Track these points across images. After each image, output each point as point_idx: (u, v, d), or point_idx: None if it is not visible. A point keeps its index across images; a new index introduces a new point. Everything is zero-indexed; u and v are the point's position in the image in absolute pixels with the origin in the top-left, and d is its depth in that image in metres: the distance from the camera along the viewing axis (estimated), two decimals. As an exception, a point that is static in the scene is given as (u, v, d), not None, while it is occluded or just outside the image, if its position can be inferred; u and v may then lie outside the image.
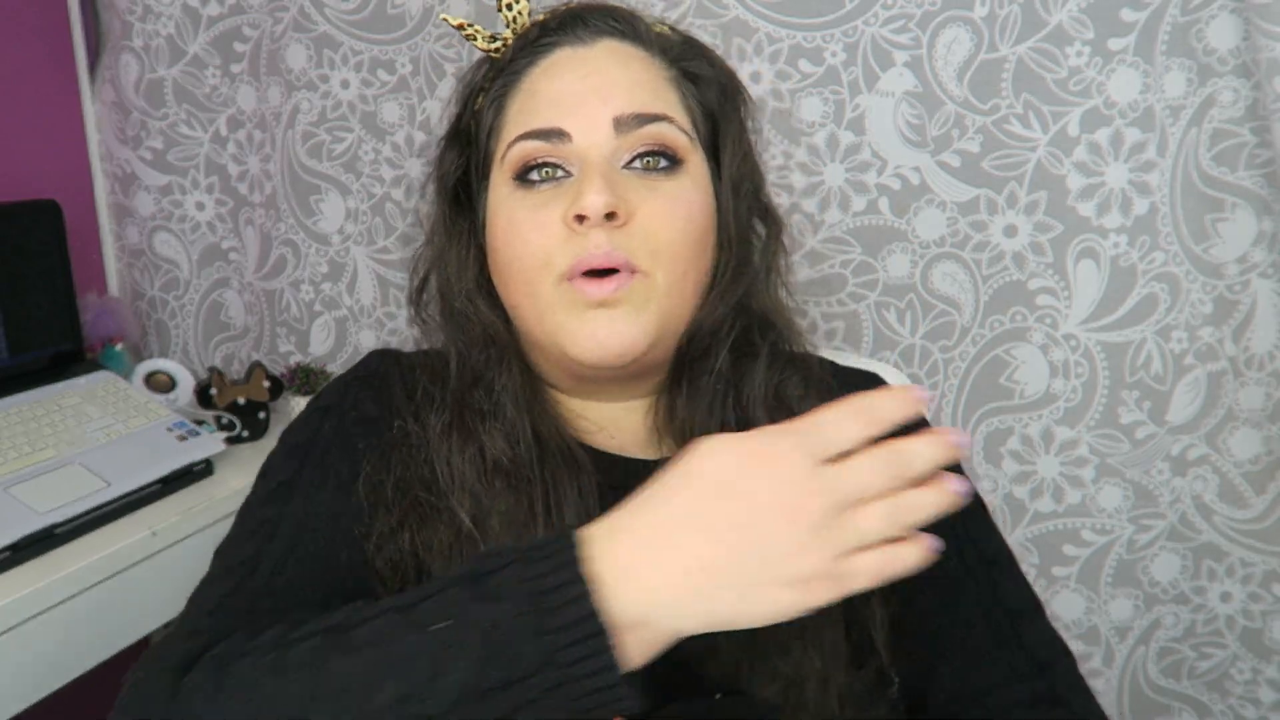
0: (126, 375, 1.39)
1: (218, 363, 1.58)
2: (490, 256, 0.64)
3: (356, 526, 0.60)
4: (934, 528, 0.54)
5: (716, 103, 0.66)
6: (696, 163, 0.62)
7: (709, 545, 0.43)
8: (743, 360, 0.64)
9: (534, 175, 0.60)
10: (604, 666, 0.41)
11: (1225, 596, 1.18)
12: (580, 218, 0.57)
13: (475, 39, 0.66)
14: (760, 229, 0.69)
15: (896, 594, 0.60)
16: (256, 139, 1.48)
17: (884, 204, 1.20)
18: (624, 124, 0.59)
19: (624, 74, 0.61)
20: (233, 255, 1.55)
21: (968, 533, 0.63)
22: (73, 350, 1.30)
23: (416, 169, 1.38)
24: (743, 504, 0.43)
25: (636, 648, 0.43)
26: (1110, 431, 1.17)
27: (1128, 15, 1.07)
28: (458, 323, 0.66)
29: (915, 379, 1.21)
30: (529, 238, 0.59)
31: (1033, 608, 0.63)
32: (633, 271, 0.58)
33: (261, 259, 1.49)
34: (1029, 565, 1.23)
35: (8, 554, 0.95)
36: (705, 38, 1.20)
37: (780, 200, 1.23)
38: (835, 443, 0.43)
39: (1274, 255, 1.08)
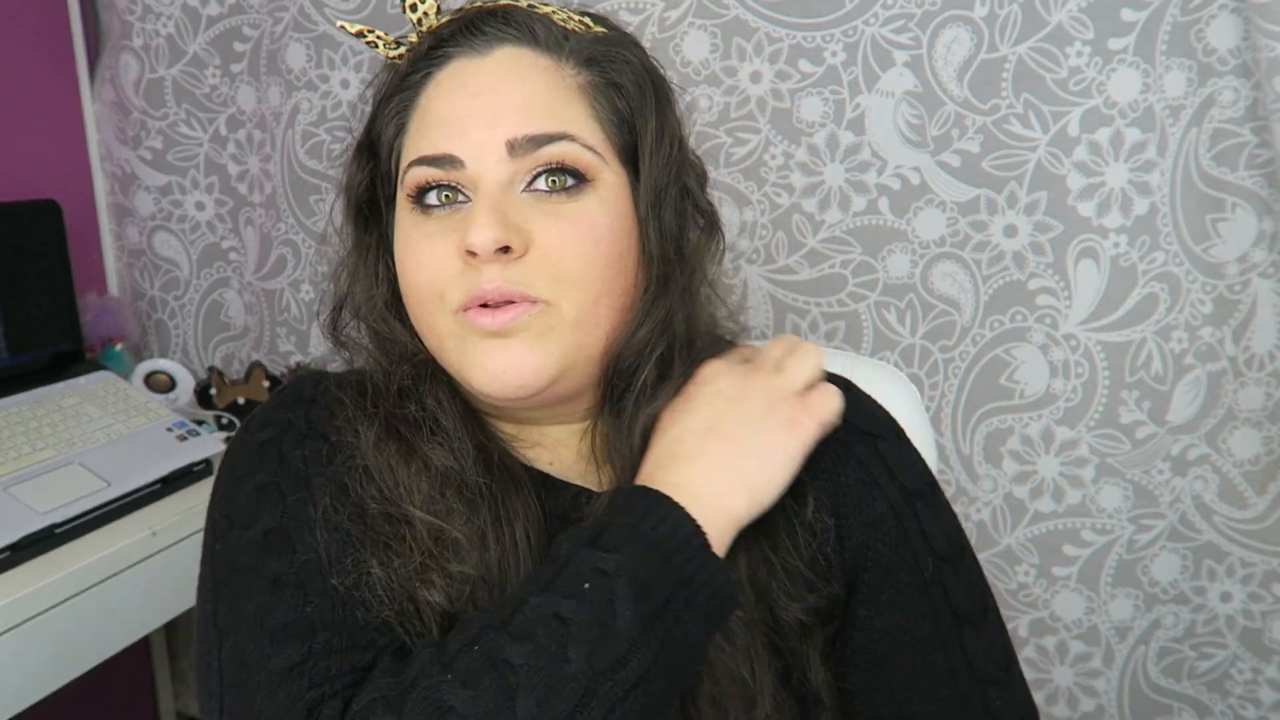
0: (126, 375, 1.39)
1: (218, 363, 1.58)
2: (398, 277, 0.60)
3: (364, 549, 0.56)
4: (915, 586, 0.60)
5: (636, 104, 0.59)
6: (609, 179, 0.57)
7: (731, 443, 0.55)
8: (662, 381, 0.60)
9: (430, 199, 0.57)
10: (716, 570, 0.51)
11: (1225, 596, 1.18)
12: (471, 253, 0.54)
13: (377, 45, 0.62)
14: (693, 234, 0.63)
15: (867, 653, 0.61)
16: (256, 139, 1.48)
17: (884, 204, 1.20)
18: (518, 147, 0.55)
19: (519, 90, 0.56)
20: (233, 255, 1.55)
21: (944, 589, 0.61)
22: (73, 350, 1.30)
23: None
24: (744, 406, 0.57)
25: (719, 546, 0.52)
26: (1110, 431, 1.17)
27: (1128, 15, 1.07)
28: (377, 341, 0.63)
29: (915, 379, 1.21)
30: (423, 269, 0.56)
31: (1004, 670, 0.62)
32: (532, 302, 0.54)
33: (261, 259, 1.49)
34: (1029, 565, 1.24)
35: (8, 554, 0.95)
36: (704, 38, 1.22)
37: (780, 200, 1.23)
38: (797, 380, 0.60)
39: (1274, 255, 1.08)
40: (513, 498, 0.58)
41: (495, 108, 0.55)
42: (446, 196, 0.56)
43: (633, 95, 0.59)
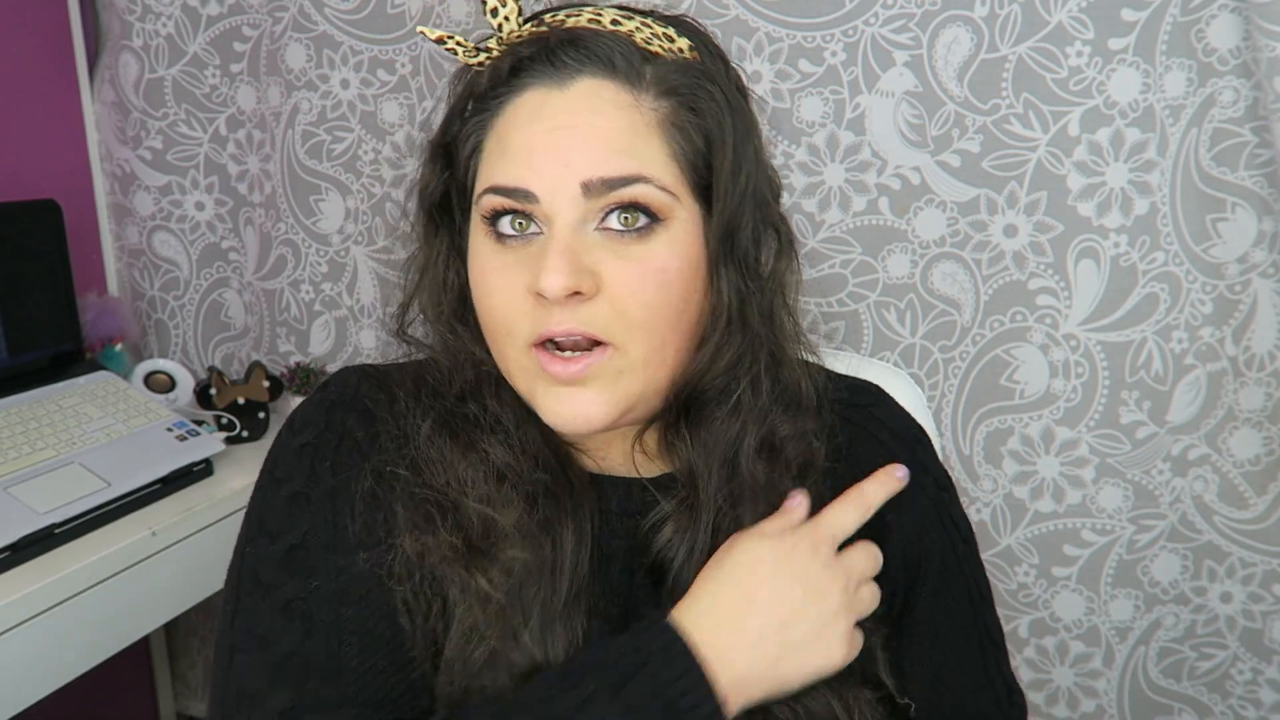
0: (126, 375, 1.39)
1: (217, 363, 1.58)
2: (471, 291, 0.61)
3: (381, 578, 0.57)
4: (952, 571, 0.67)
5: (715, 138, 0.58)
6: (681, 216, 0.57)
7: (768, 625, 0.54)
8: (740, 405, 0.61)
9: (504, 226, 0.57)
10: None
11: (1225, 597, 1.18)
12: (541, 294, 0.54)
13: (457, 52, 0.60)
14: (766, 253, 0.63)
15: (920, 638, 0.66)
16: (256, 139, 1.48)
17: (884, 204, 1.20)
18: (593, 188, 0.54)
19: (597, 127, 0.55)
20: (233, 255, 1.55)
21: (971, 570, 0.68)
22: (73, 350, 1.30)
23: (416, 169, 1.38)
24: (784, 593, 0.56)
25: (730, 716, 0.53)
26: (1110, 431, 1.17)
27: (1128, 15, 1.07)
28: (443, 342, 0.64)
29: (915, 379, 1.21)
30: (495, 302, 0.57)
31: (1004, 642, 0.70)
32: (602, 345, 0.55)
33: (261, 259, 1.49)
34: (1029, 565, 1.24)
35: (8, 554, 0.95)
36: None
37: (780, 200, 1.23)
38: (839, 533, 0.59)
39: (1274, 255, 1.08)
40: (570, 498, 0.60)
41: (571, 146, 0.55)
42: (519, 224, 0.57)
43: (711, 129, 0.58)
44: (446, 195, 0.64)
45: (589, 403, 0.56)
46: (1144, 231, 1.12)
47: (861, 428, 0.67)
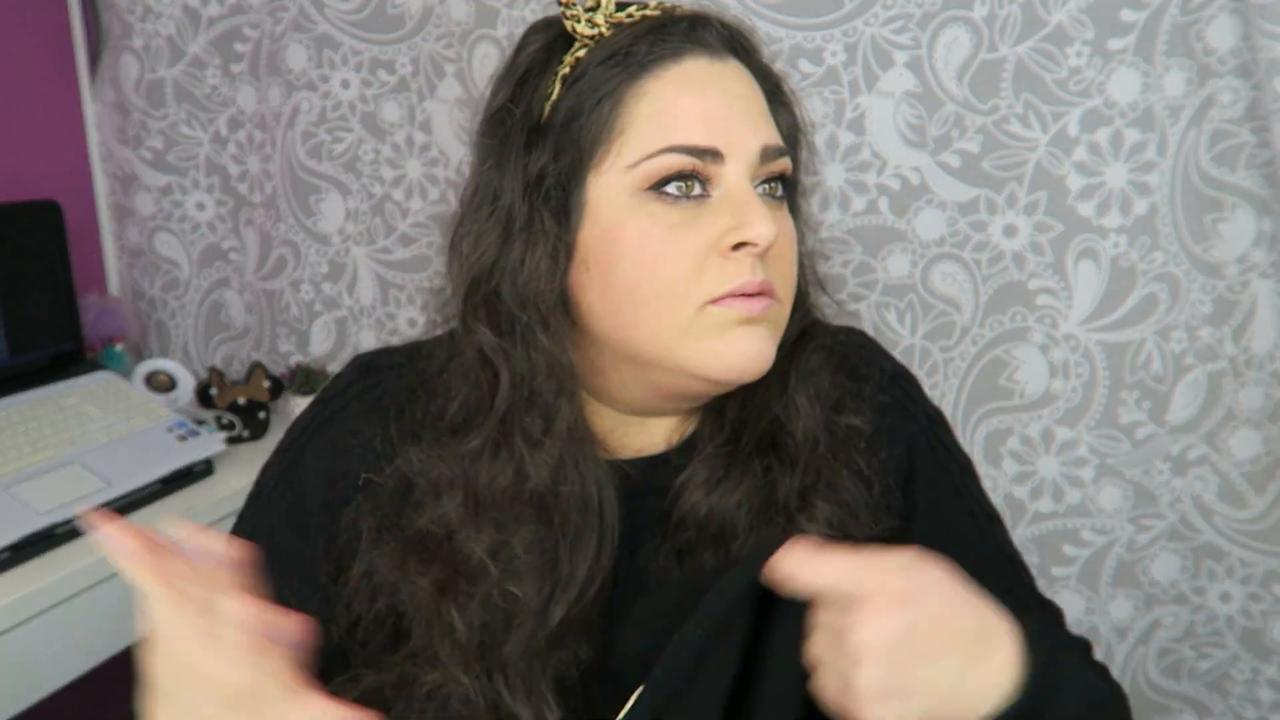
0: (126, 375, 1.39)
1: (218, 363, 1.58)
2: (592, 272, 0.58)
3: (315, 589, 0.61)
4: (945, 493, 0.67)
5: (789, 130, 0.66)
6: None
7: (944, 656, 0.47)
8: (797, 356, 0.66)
9: (671, 189, 0.57)
10: None
11: (1225, 597, 1.18)
12: (741, 245, 0.56)
13: (578, 21, 0.59)
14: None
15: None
16: (256, 139, 1.48)
17: (884, 204, 1.20)
18: (768, 155, 0.59)
19: (758, 102, 0.61)
20: (233, 255, 1.55)
21: (970, 491, 0.71)
22: (73, 350, 1.30)
23: (417, 169, 1.38)
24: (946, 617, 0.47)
25: None
26: (1110, 431, 1.17)
27: (1128, 15, 1.07)
28: (522, 338, 0.59)
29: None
30: (670, 262, 0.56)
31: (1024, 562, 0.73)
32: (767, 296, 0.58)
33: (261, 259, 1.49)
34: (1029, 565, 1.23)
35: (8, 554, 0.95)
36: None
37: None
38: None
39: (1274, 255, 1.08)
40: (587, 523, 0.59)
41: (751, 114, 0.59)
42: (685, 187, 0.57)
43: (793, 114, 0.66)
44: (560, 178, 0.60)
45: (765, 341, 0.58)
46: (1144, 231, 1.12)
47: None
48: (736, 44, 0.62)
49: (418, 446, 0.60)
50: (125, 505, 1.07)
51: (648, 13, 0.60)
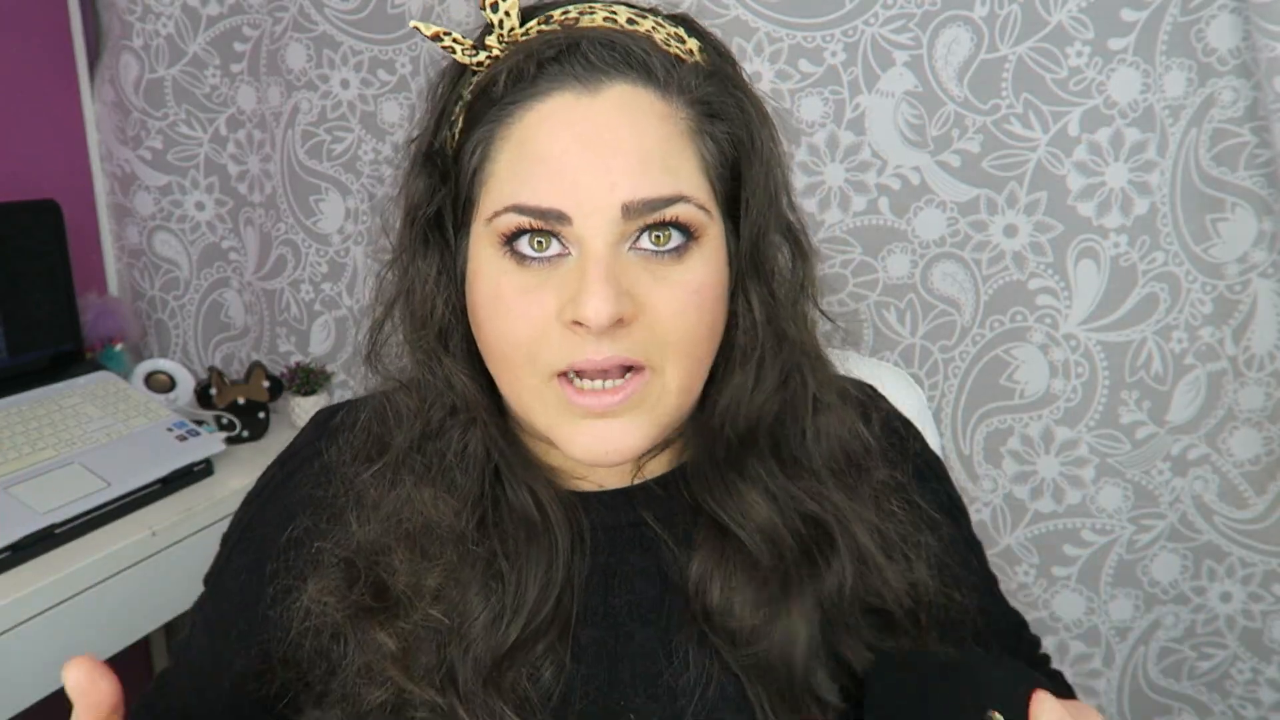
0: (126, 375, 1.39)
1: (217, 363, 1.58)
2: (470, 314, 0.56)
3: (256, 637, 0.63)
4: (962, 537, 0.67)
5: (744, 149, 0.56)
6: (712, 232, 0.54)
7: None
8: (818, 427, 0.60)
9: (524, 247, 0.52)
10: None
11: (1225, 596, 1.17)
12: (577, 322, 0.50)
13: (454, 51, 0.56)
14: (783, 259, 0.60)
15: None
16: (256, 139, 1.48)
17: (884, 204, 1.20)
18: (633, 211, 0.50)
19: (636, 139, 0.51)
20: (233, 255, 1.55)
21: (966, 522, 0.71)
22: (73, 350, 1.30)
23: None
24: None
25: None
26: (1110, 431, 1.17)
27: (1128, 15, 1.07)
28: (425, 365, 0.58)
29: (915, 379, 1.21)
30: (515, 326, 0.52)
31: (997, 582, 0.73)
32: (638, 370, 0.52)
33: (261, 259, 1.49)
34: (1029, 565, 1.24)
35: (8, 554, 0.95)
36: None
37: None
38: None
39: (1274, 255, 1.08)
40: (542, 539, 0.56)
41: (611, 161, 0.50)
42: (540, 244, 0.52)
43: (741, 137, 0.56)
44: (439, 208, 0.57)
45: (624, 434, 0.52)
46: (1144, 231, 1.12)
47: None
48: (622, 63, 0.52)
49: (348, 476, 0.60)
50: (125, 505, 1.07)
51: (545, 29, 0.54)
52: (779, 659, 0.55)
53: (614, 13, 0.55)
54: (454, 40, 0.56)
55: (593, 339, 0.50)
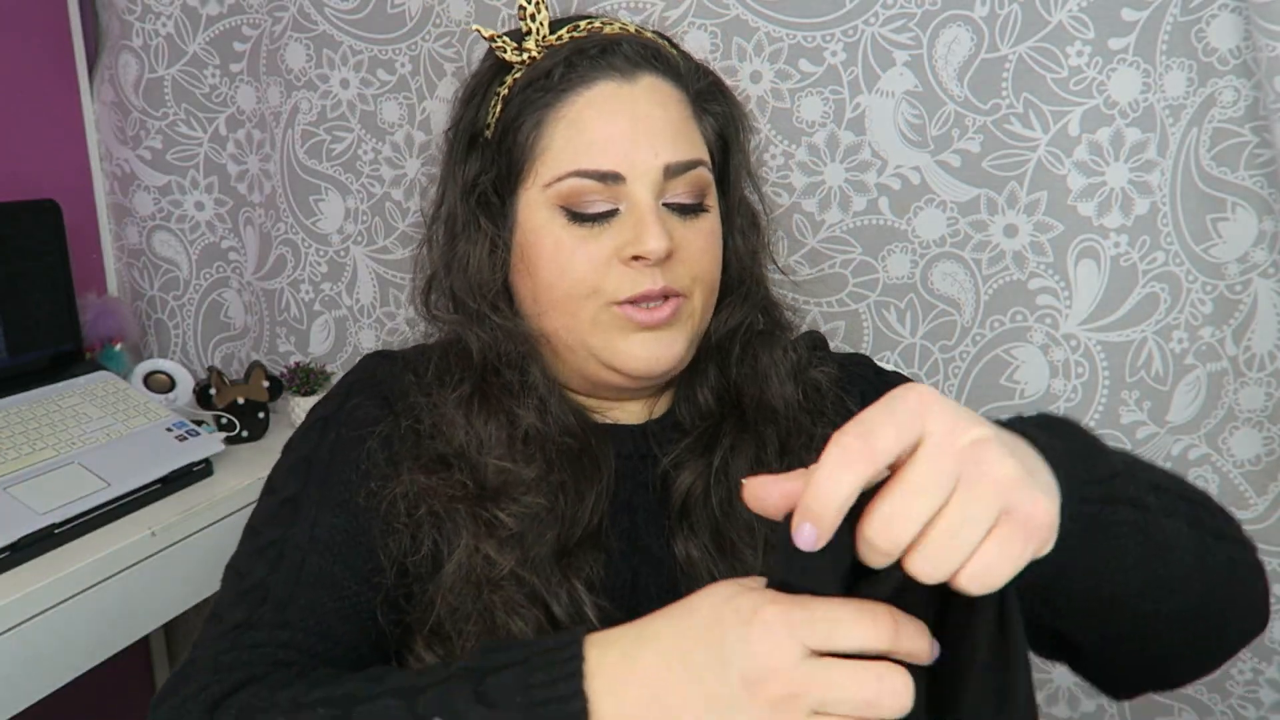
0: (126, 375, 1.39)
1: (217, 363, 1.58)
2: (523, 270, 0.68)
3: (360, 543, 0.63)
4: None
5: (731, 137, 0.72)
6: (714, 191, 0.70)
7: (677, 683, 0.43)
8: (755, 342, 0.74)
9: (583, 208, 0.65)
10: None
11: (1225, 596, 1.17)
12: (637, 258, 0.64)
13: (504, 51, 0.69)
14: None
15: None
16: (256, 139, 1.48)
17: (884, 204, 1.20)
18: (672, 171, 0.65)
19: (668, 118, 0.66)
20: (232, 255, 1.55)
21: None
22: (73, 350, 1.30)
23: (416, 169, 1.38)
24: (715, 659, 0.42)
25: None
26: (1110, 431, 1.17)
27: (1128, 15, 1.07)
28: (478, 321, 0.69)
29: (915, 379, 1.21)
30: (578, 268, 0.65)
31: None
32: (677, 296, 0.66)
33: (261, 259, 1.49)
34: (1029, 565, 1.23)
35: (8, 554, 0.95)
36: (704, 38, 1.22)
37: (780, 200, 1.23)
38: (838, 643, 0.40)
39: (1274, 255, 1.08)
40: (591, 459, 0.67)
41: (655, 133, 0.65)
42: (593, 202, 0.65)
43: (727, 120, 0.72)
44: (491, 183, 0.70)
45: (670, 344, 0.66)
46: (1144, 231, 1.12)
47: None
48: (650, 59, 0.67)
49: (420, 400, 0.68)
50: (124, 505, 1.07)
51: (576, 35, 0.68)
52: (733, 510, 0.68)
53: (625, 26, 0.70)
54: (505, 42, 0.69)
55: (649, 271, 0.64)
